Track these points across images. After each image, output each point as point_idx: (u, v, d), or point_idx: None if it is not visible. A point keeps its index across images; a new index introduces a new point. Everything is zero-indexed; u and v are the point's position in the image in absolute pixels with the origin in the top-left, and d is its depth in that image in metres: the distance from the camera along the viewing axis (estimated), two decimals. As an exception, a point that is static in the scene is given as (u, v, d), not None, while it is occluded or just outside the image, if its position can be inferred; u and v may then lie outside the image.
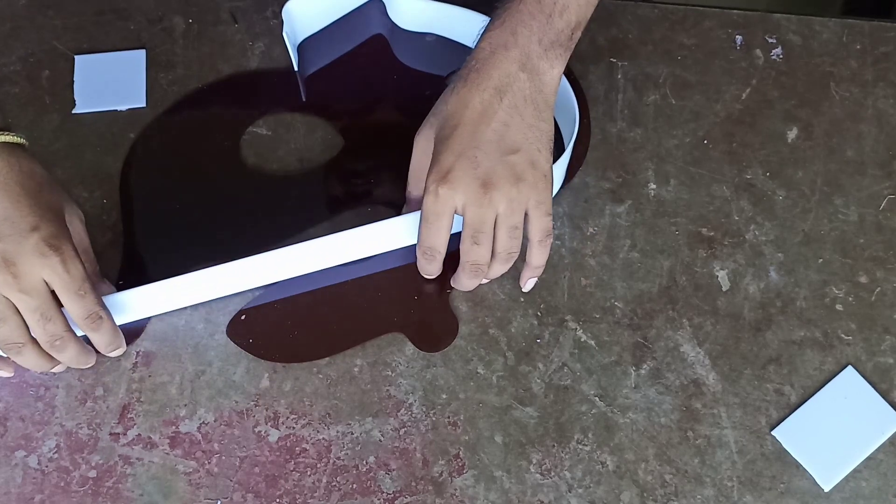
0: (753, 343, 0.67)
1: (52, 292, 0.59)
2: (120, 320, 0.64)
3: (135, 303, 0.64)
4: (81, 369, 0.65)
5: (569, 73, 0.74)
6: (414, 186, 0.67)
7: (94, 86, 0.75)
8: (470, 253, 0.63)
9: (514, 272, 0.67)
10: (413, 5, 0.74)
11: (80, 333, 0.62)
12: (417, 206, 0.67)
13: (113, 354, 0.64)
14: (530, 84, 0.62)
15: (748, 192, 0.72)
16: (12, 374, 0.64)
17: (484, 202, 0.61)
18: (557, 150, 0.68)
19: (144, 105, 0.74)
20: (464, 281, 0.65)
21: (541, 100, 0.62)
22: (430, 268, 0.65)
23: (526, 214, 0.62)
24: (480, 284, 0.67)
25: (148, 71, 0.76)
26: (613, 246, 0.70)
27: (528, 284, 0.67)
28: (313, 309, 0.68)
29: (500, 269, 0.65)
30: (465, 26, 0.74)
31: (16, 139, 0.60)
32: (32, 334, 0.59)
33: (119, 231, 0.70)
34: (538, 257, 0.65)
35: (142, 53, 0.76)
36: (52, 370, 0.63)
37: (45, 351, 0.60)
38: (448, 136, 0.61)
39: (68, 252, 0.58)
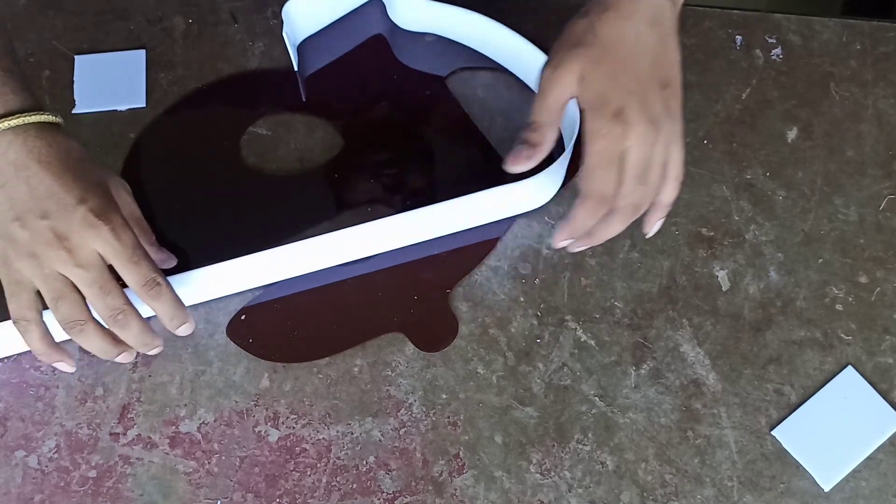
0: (753, 343, 0.67)
1: (110, 268, 0.58)
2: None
3: (189, 283, 0.64)
4: (82, 370, 0.65)
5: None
6: (546, 120, 0.61)
7: (94, 86, 0.75)
8: (635, 194, 0.60)
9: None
10: (413, 5, 0.74)
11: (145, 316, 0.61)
12: (541, 138, 0.61)
13: (181, 331, 0.61)
14: (672, 14, 0.60)
15: (748, 192, 0.72)
16: (74, 370, 0.63)
17: (651, 139, 0.58)
18: (558, 149, 0.68)
19: (144, 105, 0.74)
20: (615, 227, 0.61)
21: (677, 32, 0.61)
22: (590, 221, 0.61)
23: None
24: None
25: (148, 71, 0.76)
26: (613, 246, 0.70)
27: (655, 226, 0.64)
28: (313, 309, 0.68)
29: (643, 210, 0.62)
30: (466, 26, 0.74)
31: (51, 118, 0.60)
32: (93, 312, 0.59)
33: (119, 231, 0.70)
34: (671, 193, 0.62)
35: (142, 53, 0.76)
36: (118, 358, 0.61)
37: (107, 332, 0.59)
38: (612, 71, 0.59)
39: (118, 221, 0.58)
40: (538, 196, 0.69)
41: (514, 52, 0.73)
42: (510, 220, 0.70)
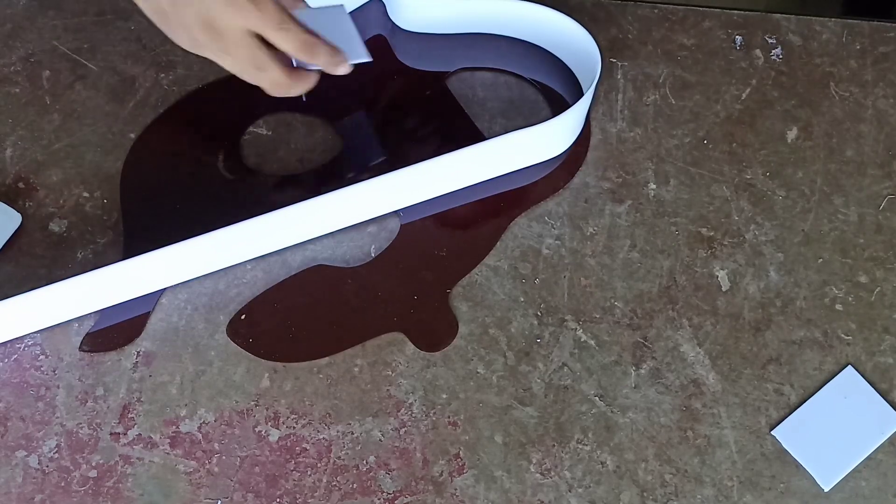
0: (753, 343, 0.67)
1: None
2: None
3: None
4: (82, 370, 0.65)
5: (570, 69, 0.75)
6: None
7: None
8: None
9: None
10: (413, 5, 0.74)
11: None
12: None
13: (340, 70, 0.63)
14: None
15: (748, 192, 0.72)
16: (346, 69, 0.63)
17: None
18: (577, 94, 0.67)
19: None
20: None
21: None
22: None
23: None
24: None
25: (148, 71, 0.76)
26: (613, 246, 0.70)
27: None
28: (313, 309, 0.68)
29: None
30: (467, 19, 0.74)
31: None
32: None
33: (119, 231, 0.70)
34: None
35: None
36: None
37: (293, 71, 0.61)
38: None
39: None
40: (557, 141, 0.70)
41: (527, 19, 0.73)
42: (509, 221, 0.70)
